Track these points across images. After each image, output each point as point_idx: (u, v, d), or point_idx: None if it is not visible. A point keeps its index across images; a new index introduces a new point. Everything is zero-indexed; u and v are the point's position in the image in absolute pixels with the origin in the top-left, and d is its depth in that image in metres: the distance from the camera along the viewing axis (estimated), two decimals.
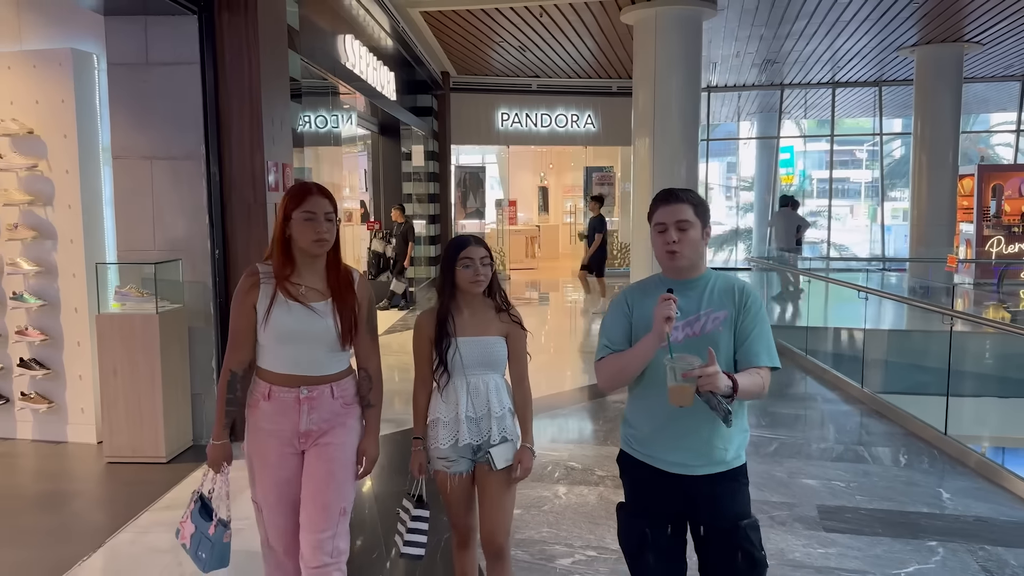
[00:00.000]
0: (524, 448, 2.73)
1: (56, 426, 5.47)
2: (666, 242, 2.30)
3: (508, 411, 2.73)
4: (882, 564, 3.58)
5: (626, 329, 2.37)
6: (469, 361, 2.66)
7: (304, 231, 2.44)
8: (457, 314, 2.70)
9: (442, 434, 2.69)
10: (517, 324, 2.76)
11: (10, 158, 5.29)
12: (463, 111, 15.55)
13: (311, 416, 2.51)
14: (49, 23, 5.47)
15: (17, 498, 4.64)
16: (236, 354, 2.55)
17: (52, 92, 5.25)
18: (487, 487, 2.72)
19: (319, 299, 2.50)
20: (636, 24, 10.25)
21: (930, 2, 10.78)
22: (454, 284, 2.68)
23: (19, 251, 5.37)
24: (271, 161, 5.27)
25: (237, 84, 5.17)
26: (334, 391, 2.54)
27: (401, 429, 5.60)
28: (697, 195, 2.38)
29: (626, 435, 2.45)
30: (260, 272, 2.53)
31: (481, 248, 2.68)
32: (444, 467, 2.71)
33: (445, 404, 2.70)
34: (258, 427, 2.54)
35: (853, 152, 27.99)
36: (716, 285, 2.34)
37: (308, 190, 2.48)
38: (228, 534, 2.55)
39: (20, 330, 5.40)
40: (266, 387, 2.52)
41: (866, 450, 5.37)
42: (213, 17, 5.13)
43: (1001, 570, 3.54)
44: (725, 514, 2.28)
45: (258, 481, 2.56)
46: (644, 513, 2.36)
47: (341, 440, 2.56)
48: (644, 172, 10.42)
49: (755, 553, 2.25)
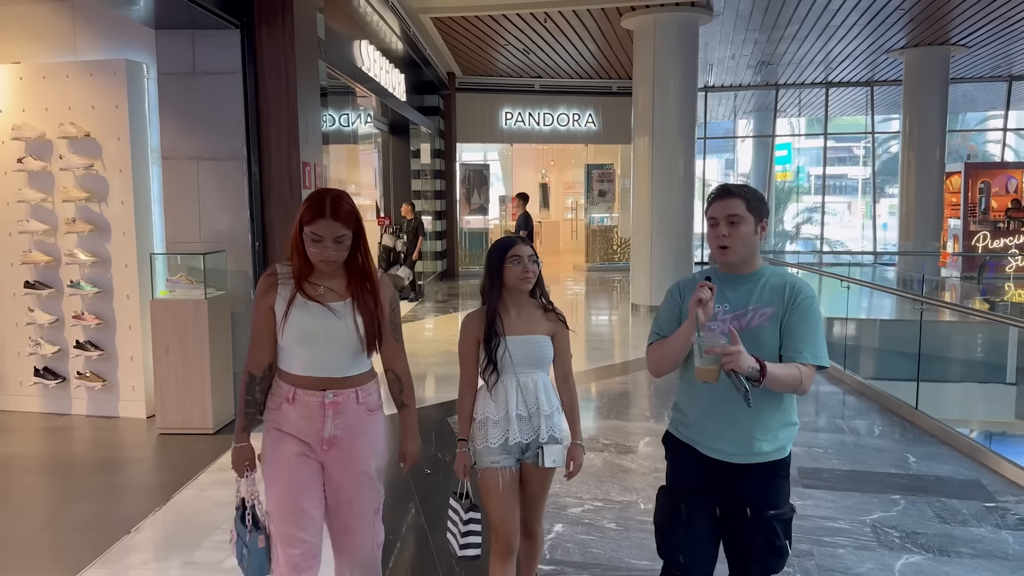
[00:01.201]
0: (576, 446, 2.77)
1: (108, 403, 6.01)
2: (717, 236, 2.33)
3: (556, 409, 2.76)
4: (851, 512, 4.13)
5: (676, 317, 2.42)
6: (518, 359, 2.69)
7: (311, 250, 2.39)
8: (504, 314, 2.72)
9: (492, 433, 2.70)
10: (562, 323, 2.81)
11: (69, 158, 5.81)
12: (468, 110, 16.07)
13: (336, 421, 2.46)
14: (103, 36, 6.00)
15: (83, 463, 5.20)
16: (255, 356, 2.51)
17: (107, 98, 5.77)
18: (529, 482, 2.77)
19: (338, 300, 2.45)
20: (636, 29, 10.80)
21: (916, 7, 11.31)
22: (502, 283, 2.72)
23: (76, 243, 5.90)
24: (305, 161, 5.80)
25: (275, 91, 5.70)
26: (359, 396, 2.50)
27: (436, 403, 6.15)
28: (753, 191, 2.39)
29: (674, 419, 2.51)
30: (279, 273, 2.48)
31: (528, 247, 2.73)
32: (493, 464, 2.71)
33: (495, 403, 2.71)
34: (279, 429, 2.49)
35: (851, 149, 28.44)
36: (769, 281, 2.35)
37: (321, 211, 2.36)
38: (262, 538, 2.50)
39: (77, 315, 5.93)
40: (290, 390, 2.47)
41: (845, 423, 5.93)
42: (253, 31, 5.65)
43: (953, 517, 4.09)
44: (757, 504, 2.32)
45: (272, 487, 2.49)
46: (681, 493, 2.41)
47: (365, 451, 2.52)
48: (643, 169, 10.97)
49: (776, 542, 2.30)
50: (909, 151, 14.50)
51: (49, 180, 5.90)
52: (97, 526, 4.06)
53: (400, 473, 4.83)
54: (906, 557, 3.62)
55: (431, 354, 8.51)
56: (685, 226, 10.86)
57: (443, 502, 4.37)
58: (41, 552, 3.84)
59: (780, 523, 2.31)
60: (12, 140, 5.88)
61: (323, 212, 2.35)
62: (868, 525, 3.97)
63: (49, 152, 5.89)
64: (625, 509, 4.16)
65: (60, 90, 5.84)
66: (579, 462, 2.76)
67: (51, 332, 6.02)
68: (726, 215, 2.31)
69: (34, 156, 5.88)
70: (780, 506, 2.33)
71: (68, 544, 3.85)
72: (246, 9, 5.60)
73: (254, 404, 2.52)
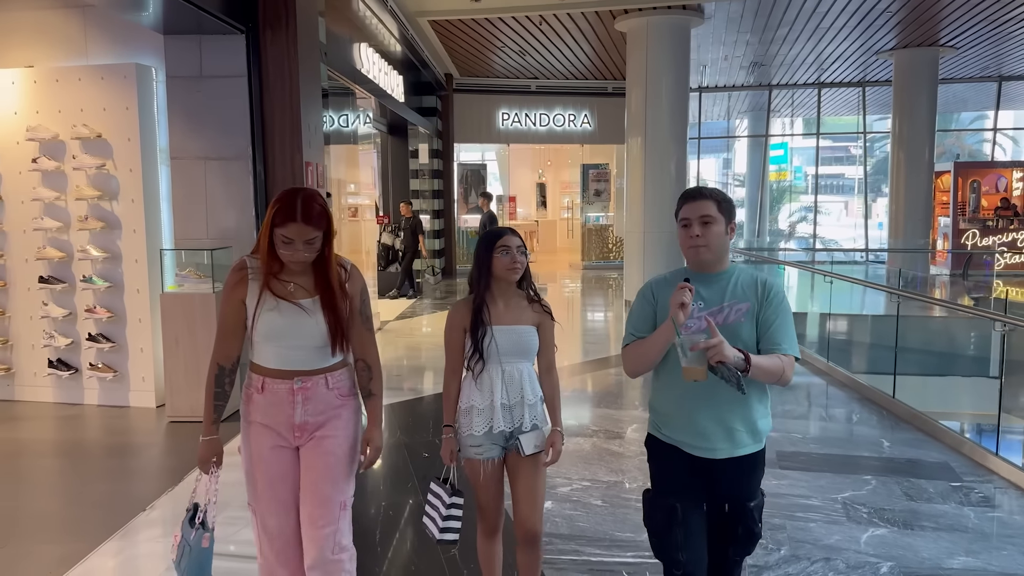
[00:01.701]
0: (555, 432, 2.80)
1: (119, 392, 6.26)
2: (690, 236, 2.39)
3: (539, 399, 2.80)
4: (823, 491, 4.38)
5: (650, 317, 2.46)
6: (504, 349, 2.72)
7: (281, 251, 2.40)
8: (492, 304, 2.75)
9: (476, 421, 2.74)
10: (548, 314, 2.83)
11: (81, 158, 6.06)
12: (465, 111, 16.32)
13: (306, 407, 2.48)
14: (113, 41, 6.24)
15: (97, 448, 5.46)
16: (223, 348, 2.52)
17: (118, 101, 6.02)
18: (519, 473, 2.78)
19: (307, 296, 2.47)
20: (629, 32, 11.05)
21: (905, 9, 11.56)
22: (490, 273, 2.75)
23: (88, 240, 6.15)
24: (308, 161, 6.05)
25: (279, 94, 5.95)
26: (328, 382, 2.51)
27: (415, 397, 6.39)
28: (722, 193, 2.45)
29: (653, 420, 2.55)
30: (249, 267, 2.48)
31: (517, 238, 2.77)
32: (476, 455, 2.75)
33: (479, 392, 2.74)
34: (252, 421, 2.52)
35: (848, 148, 28.72)
36: (740, 278, 2.43)
37: (292, 214, 2.36)
38: (207, 538, 2.50)
39: (89, 308, 6.18)
40: (260, 380, 2.49)
41: (825, 411, 6.19)
42: (258, 36, 5.90)
43: (919, 495, 4.35)
44: (738, 495, 2.44)
45: (250, 478, 2.52)
46: (673, 493, 2.45)
47: (337, 434, 2.52)
48: (636, 168, 11.23)
49: (754, 527, 2.47)
50: (899, 150, 14.76)
51: (62, 179, 6.15)
52: (115, 504, 4.31)
53: (398, 460, 5.09)
54: (872, 530, 3.88)
55: (430, 347, 8.77)
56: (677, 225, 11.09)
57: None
58: (66, 526, 4.09)
59: (758, 511, 2.46)
60: (27, 141, 6.12)
61: (294, 216, 2.35)
62: (839, 502, 4.22)
63: (62, 152, 6.13)
64: (611, 488, 4.42)
65: (72, 93, 6.08)
66: (558, 448, 2.78)
67: (64, 325, 6.26)
68: (699, 215, 2.37)
69: (48, 156, 6.13)
70: (756, 496, 2.47)
71: (89, 520, 4.10)
72: (251, 15, 5.85)
73: (223, 396, 2.53)
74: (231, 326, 2.50)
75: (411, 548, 3.76)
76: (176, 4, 5.29)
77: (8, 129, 6.20)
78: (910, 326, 9.74)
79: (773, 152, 21.19)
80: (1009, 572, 3.45)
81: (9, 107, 6.20)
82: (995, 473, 4.67)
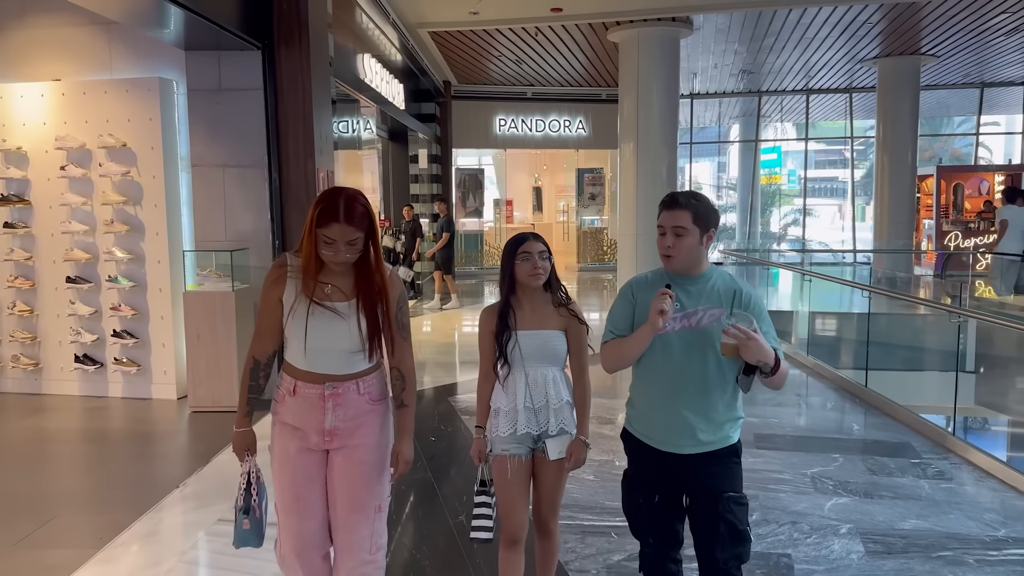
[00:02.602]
0: (578, 440, 2.79)
1: (142, 385, 6.67)
2: (663, 245, 2.47)
3: (566, 403, 2.78)
4: (795, 467, 4.82)
5: (629, 316, 2.52)
6: (528, 354, 2.74)
7: (324, 252, 2.40)
8: (517, 308, 2.77)
9: (502, 423, 2.79)
10: (576, 318, 2.82)
11: (107, 166, 6.48)
12: (463, 117, 16.76)
13: (336, 413, 2.48)
14: (137, 56, 6.67)
15: (127, 435, 5.88)
16: (259, 343, 2.54)
17: (141, 112, 6.45)
18: (541, 475, 2.83)
19: (343, 299, 2.45)
20: (621, 42, 11.50)
21: (885, 20, 12.04)
22: (513, 279, 2.77)
23: (113, 242, 6.57)
24: (319, 168, 6.49)
25: (292, 105, 6.38)
26: (360, 387, 2.51)
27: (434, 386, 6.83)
28: (701, 203, 2.46)
29: (628, 415, 2.64)
30: (289, 265, 2.49)
31: (539, 243, 2.78)
32: (503, 451, 2.80)
33: (505, 395, 2.78)
34: (283, 422, 2.53)
35: (842, 152, 29.20)
36: (716, 284, 2.48)
37: (335, 215, 2.35)
38: (247, 521, 2.56)
39: (114, 306, 6.60)
40: (291, 382, 2.50)
41: (802, 400, 6.63)
42: (273, 52, 6.33)
43: (881, 470, 4.79)
44: (709, 489, 2.44)
45: (277, 479, 2.54)
46: (640, 484, 2.57)
47: (369, 441, 2.54)
48: (629, 173, 11.67)
49: (737, 525, 2.42)
50: (883, 154, 15.23)
51: (89, 185, 6.57)
52: (149, 483, 4.73)
53: None
54: (835, 499, 4.32)
55: (429, 344, 9.21)
56: None
57: (446, 463, 5.09)
58: (107, 501, 4.51)
59: (739, 507, 2.43)
60: (56, 150, 6.54)
61: (337, 216, 2.34)
62: (808, 476, 4.66)
63: (89, 160, 6.55)
64: (602, 466, 4.85)
65: (99, 105, 6.51)
66: (578, 457, 2.78)
67: (90, 322, 6.68)
68: (672, 226, 2.43)
69: (75, 164, 6.54)
70: (737, 489, 2.46)
71: (128, 496, 4.52)
72: (267, 32, 6.28)
73: (257, 389, 2.56)
74: (267, 322, 2.51)
75: (422, 516, 4.20)
76: (196, 22, 5.70)
77: (38, 138, 6.63)
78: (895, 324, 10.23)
79: (767, 156, 21.69)
80: (952, 531, 3.90)
81: (39, 118, 6.62)
82: (952, 452, 5.11)
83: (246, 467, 2.57)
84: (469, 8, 10.39)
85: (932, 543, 3.77)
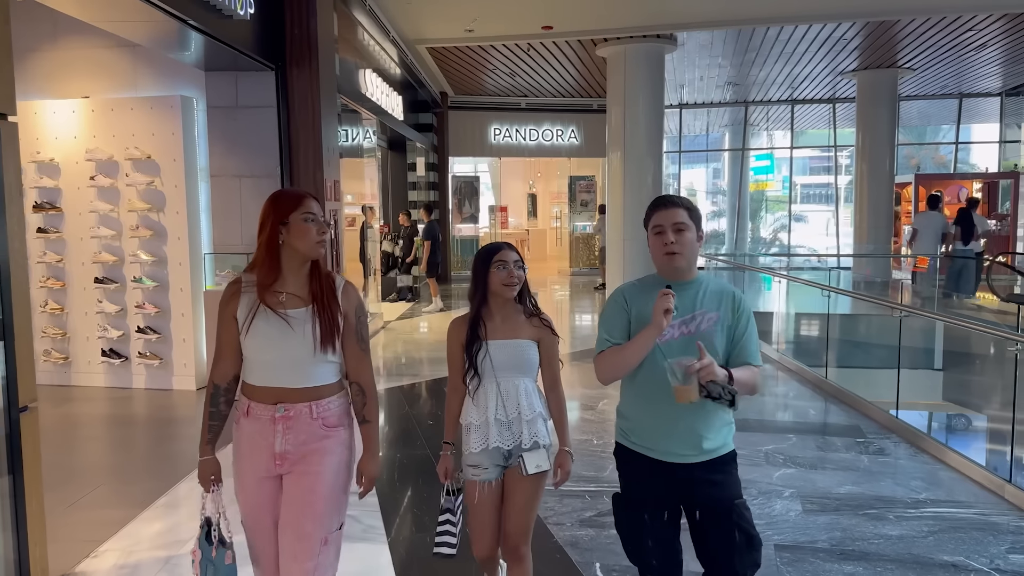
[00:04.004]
0: (563, 452, 2.73)
1: (164, 377, 7.27)
2: (664, 243, 2.40)
3: (539, 415, 2.70)
4: (752, 444, 5.43)
5: (625, 324, 2.45)
6: (499, 364, 2.67)
7: (305, 233, 2.40)
8: (488, 319, 2.72)
9: (473, 438, 2.70)
10: (548, 329, 2.77)
11: (133, 176, 7.09)
12: (460, 126, 17.41)
13: (287, 437, 2.41)
14: (159, 75, 7.28)
15: (152, 421, 6.48)
16: (219, 367, 2.49)
17: (164, 127, 7.06)
18: (515, 491, 2.71)
19: (300, 305, 2.43)
20: (608, 57, 12.16)
21: (861, 35, 12.69)
22: (486, 288, 2.71)
23: (138, 246, 7.18)
24: (327, 178, 7.10)
25: (303, 121, 6.98)
26: (312, 411, 2.43)
27: (418, 380, 7.43)
28: (690, 201, 2.48)
29: (621, 427, 2.54)
30: (243, 281, 2.47)
31: (514, 252, 2.72)
32: (474, 476, 2.72)
33: (476, 408, 2.70)
34: (239, 445, 2.49)
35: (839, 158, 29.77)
36: (709, 287, 2.45)
37: (302, 194, 2.43)
38: (230, 555, 2.48)
39: (138, 305, 7.20)
40: (246, 403, 2.45)
41: (768, 390, 7.25)
42: (286, 72, 6.93)
43: (828, 447, 5.41)
44: (720, 497, 2.38)
45: (240, 500, 2.51)
46: (642, 501, 2.46)
47: (318, 469, 2.43)
48: (616, 179, 12.32)
49: (751, 531, 2.37)
50: (862, 163, 15.89)
51: (116, 194, 7.18)
52: (176, 459, 5.32)
53: (407, 425, 6.09)
54: (784, 470, 4.93)
55: (425, 341, 9.81)
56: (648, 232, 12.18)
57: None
58: (142, 473, 5.11)
59: (747, 511, 2.40)
60: (86, 161, 7.15)
61: (301, 194, 2.46)
62: (762, 452, 5.27)
63: (116, 171, 7.16)
64: (581, 444, 5.46)
65: (125, 120, 7.12)
66: (567, 468, 2.73)
67: (116, 319, 7.28)
68: (672, 223, 2.40)
69: (104, 174, 7.15)
70: (740, 496, 2.43)
71: (159, 470, 5.11)
72: (279, 55, 6.89)
73: (218, 416, 2.51)
74: (225, 341, 2.47)
75: (422, 484, 4.81)
76: (216, 46, 6.29)
77: (69, 151, 7.23)
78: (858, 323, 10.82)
79: (760, 162, 22.35)
80: (880, 495, 4.51)
81: (70, 132, 7.23)
82: (894, 433, 5.73)
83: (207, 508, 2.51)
84: (465, 26, 11.05)
85: (861, 504, 4.38)
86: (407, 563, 3.74)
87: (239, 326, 2.42)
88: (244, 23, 5.97)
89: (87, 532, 4.10)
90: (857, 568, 3.62)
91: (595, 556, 3.77)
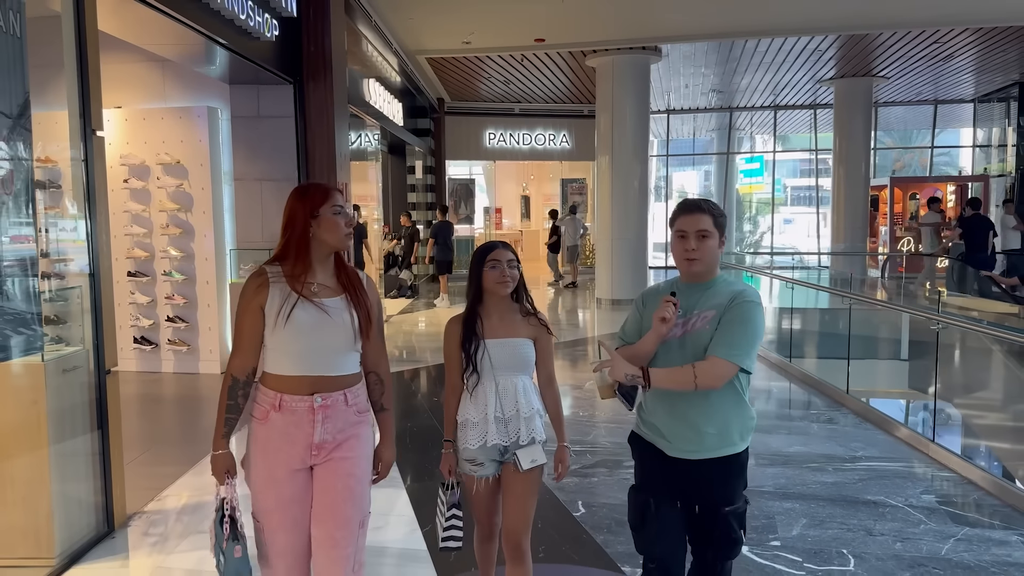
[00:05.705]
0: (562, 447, 2.80)
1: (191, 362, 7.99)
2: (685, 249, 2.44)
3: (536, 412, 2.75)
4: None
5: (638, 324, 2.55)
6: (498, 362, 2.71)
7: (334, 226, 2.43)
8: (485, 317, 2.75)
9: (471, 435, 2.74)
10: (544, 327, 2.81)
11: (163, 179, 7.82)
12: (456, 131, 18.16)
13: (325, 426, 2.42)
14: (187, 87, 8.01)
15: (183, 400, 7.21)
16: (241, 359, 2.46)
17: (192, 135, 7.78)
18: (513, 487, 2.76)
19: (332, 295, 2.46)
20: (597, 68, 12.93)
21: (835, 45, 13.48)
22: (481, 287, 2.75)
23: (168, 242, 7.89)
24: (340, 181, 7.83)
25: (319, 130, 7.71)
26: (347, 398, 2.47)
27: (421, 366, 8.17)
28: (718, 207, 2.50)
29: (639, 417, 2.63)
30: (268, 272, 2.46)
31: (508, 251, 2.74)
32: (471, 471, 2.77)
33: (474, 406, 2.73)
34: (266, 439, 2.45)
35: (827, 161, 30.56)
36: (719, 288, 2.47)
37: (329, 187, 2.48)
38: (239, 549, 2.46)
39: (168, 296, 7.92)
40: (276, 396, 2.42)
41: None
42: (303, 86, 7.66)
43: (785, 417, 6.18)
44: (713, 498, 2.46)
45: (261, 497, 2.46)
46: (648, 488, 2.55)
47: (356, 453, 2.49)
48: (605, 182, 13.08)
49: (732, 534, 2.47)
50: (839, 166, 16.70)
51: (147, 195, 7.90)
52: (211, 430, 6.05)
53: (416, 403, 6.78)
54: None
55: (424, 333, 10.55)
56: (639, 232, 12.98)
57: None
58: (182, 440, 5.84)
59: (735, 517, 2.47)
60: (120, 165, 7.86)
61: (330, 188, 2.50)
62: None
63: (148, 174, 7.88)
64: (570, 417, 6.20)
65: (156, 128, 7.84)
66: (567, 463, 2.80)
67: (147, 310, 8.00)
68: (696, 229, 2.43)
69: (136, 177, 7.87)
70: (735, 501, 2.48)
71: (198, 438, 5.83)
72: (298, 70, 7.62)
73: (235, 409, 2.47)
74: (248, 334, 2.45)
75: (430, 447, 5.55)
76: (239, 61, 7.01)
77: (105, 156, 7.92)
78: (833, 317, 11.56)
79: (750, 165, 23.15)
80: (823, 453, 5.28)
81: (106, 139, 7.92)
82: (846, 407, 6.49)
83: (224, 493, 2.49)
84: (463, 38, 11.81)
85: (805, 460, 5.14)
86: (422, 502, 4.48)
87: (270, 318, 2.40)
88: (267, 42, 6.69)
89: (147, 483, 4.84)
90: (795, 505, 4.38)
91: (578, 496, 4.51)
